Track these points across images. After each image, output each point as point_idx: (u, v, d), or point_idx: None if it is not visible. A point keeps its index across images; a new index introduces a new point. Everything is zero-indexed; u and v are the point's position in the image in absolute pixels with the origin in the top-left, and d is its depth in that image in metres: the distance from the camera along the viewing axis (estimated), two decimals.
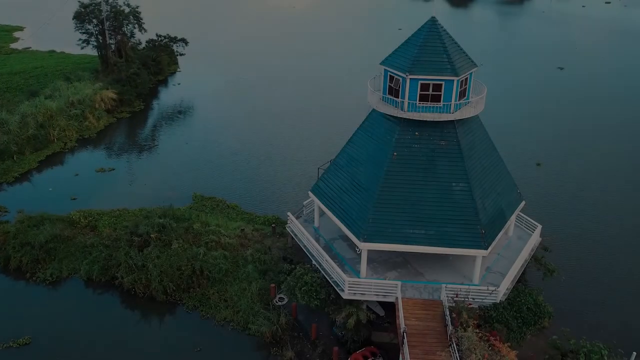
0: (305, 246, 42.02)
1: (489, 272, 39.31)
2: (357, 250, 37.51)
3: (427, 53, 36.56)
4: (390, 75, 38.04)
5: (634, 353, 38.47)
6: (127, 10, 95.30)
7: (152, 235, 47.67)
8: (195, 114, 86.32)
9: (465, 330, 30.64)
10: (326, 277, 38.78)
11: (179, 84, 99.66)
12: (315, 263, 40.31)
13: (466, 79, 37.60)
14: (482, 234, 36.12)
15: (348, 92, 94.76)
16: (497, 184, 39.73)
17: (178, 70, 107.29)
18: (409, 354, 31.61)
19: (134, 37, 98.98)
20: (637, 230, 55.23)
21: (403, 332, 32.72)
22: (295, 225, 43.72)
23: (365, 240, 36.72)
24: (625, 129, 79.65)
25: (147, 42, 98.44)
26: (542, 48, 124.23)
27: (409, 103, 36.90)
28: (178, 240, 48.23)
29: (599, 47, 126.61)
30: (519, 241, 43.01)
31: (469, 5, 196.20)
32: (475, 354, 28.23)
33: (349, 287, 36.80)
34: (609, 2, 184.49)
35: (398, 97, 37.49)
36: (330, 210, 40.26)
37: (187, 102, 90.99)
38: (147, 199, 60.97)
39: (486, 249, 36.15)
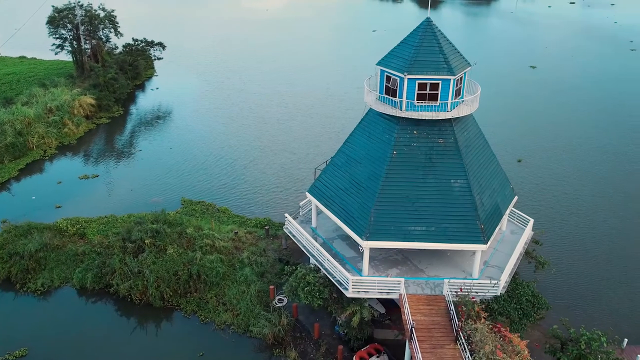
0: (304, 247, 42.18)
1: (487, 266, 40.21)
2: (360, 248, 37.90)
3: (424, 53, 37.28)
4: (387, 76, 38.61)
5: (626, 340, 40.04)
6: (102, 14, 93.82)
7: (146, 241, 47.16)
8: (176, 118, 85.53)
9: (475, 323, 31.33)
10: (328, 276, 39.01)
11: (157, 88, 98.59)
12: (316, 263, 40.51)
13: (461, 78, 38.48)
14: (481, 229, 36.97)
15: (329, 94, 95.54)
16: (492, 179, 40.72)
17: (155, 74, 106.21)
18: (419, 349, 32.16)
19: (109, 41, 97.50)
20: (619, 220, 57.29)
21: (411, 328, 33.25)
22: (293, 226, 43.86)
23: (367, 239, 37.16)
24: (599, 123, 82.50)
25: (123, 46, 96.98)
26: (513, 47, 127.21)
27: (407, 102, 37.53)
28: (173, 245, 47.84)
29: (568, 46, 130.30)
30: (513, 235, 44.09)
31: (437, 6, 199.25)
32: (488, 344, 28.92)
33: (352, 285, 37.14)
34: (573, 3, 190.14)
35: (396, 97, 38.09)
36: (330, 210, 40.55)
37: (167, 106, 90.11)
38: (134, 205, 60.36)
39: (486, 243, 37.01)
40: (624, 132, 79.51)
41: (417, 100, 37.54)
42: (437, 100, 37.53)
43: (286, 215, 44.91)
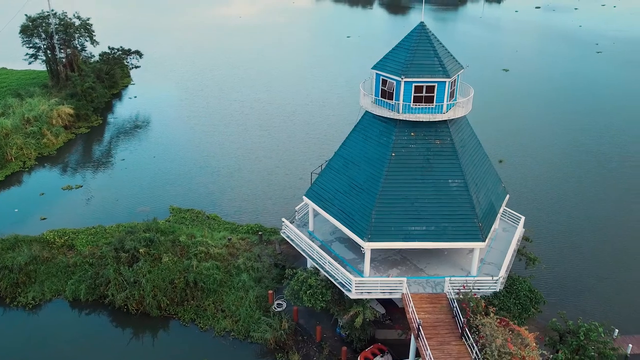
0: (304, 250, 42.38)
1: (483, 264, 41.12)
2: (362, 250, 38.33)
3: (420, 56, 38.08)
4: (383, 79, 39.27)
5: (616, 330, 41.47)
6: (77, 22, 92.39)
7: (140, 250, 46.60)
8: (156, 127, 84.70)
9: (483, 318, 32.07)
10: (330, 279, 39.32)
11: (135, 97, 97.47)
12: (317, 266, 40.72)
13: (455, 80, 39.41)
14: (480, 227, 37.86)
15: (310, 100, 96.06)
16: (486, 179, 41.75)
17: (132, 83, 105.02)
18: (428, 345, 32.73)
19: (85, 50, 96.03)
20: (602, 215, 59.30)
21: (419, 326, 33.80)
22: (291, 231, 44.04)
23: (369, 240, 37.63)
24: (575, 123, 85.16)
25: (100, 55, 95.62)
26: (484, 51, 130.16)
27: (404, 105, 38.24)
28: (167, 254, 47.43)
29: (538, 49, 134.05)
30: (505, 233, 45.18)
31: (407, 12, 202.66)
32: (499, 338, 29.66)
33: (356, 286, 37.53)
34: (538, 7, 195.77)
35: (392, 100, 38.78)
36: (329, 213, 40.90)
37: (146, 115, 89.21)
38: (121, 215, 59.65)
39: (484, 241, 37.92)
40: (600, 131, 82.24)
41: (413, 102, 38.29)
42: (433, 103, 38.35)
43: (284, 219, 45.05)
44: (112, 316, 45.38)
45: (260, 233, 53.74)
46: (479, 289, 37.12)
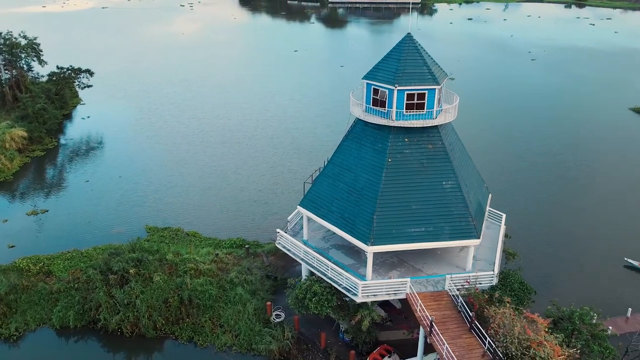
0: (302, 259, 42.86)
1: (475, 260, 43.08)
2: (365, 254, 39.30)
3: (410, 65, 39.82)
4: (374, 89, 40.70)
5: (630, 309, 44.84)
6: (23, 42, 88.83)
7: (130, 271, 45.48)
8: (116, 146, 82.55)
9: (498, 309, 33.81)
10: (333, 285, 40.01)
11: (88, 117, 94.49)
12: (318, 273, 41.28)
13: (441, 87, 41.44)
14: (474, 225, 39.82)
15: (270, 115, 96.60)
16: (472, 180, 43.94)
17: (81, 103, 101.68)
18: (445, 340, 34.10)
19: (32, 70, 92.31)
20: (569, 209, 63.43)
21: (431, 322, 35.11)
22: (287, 241, 44.43)
23: (372, 244, 38.68)
24: (524, 126, 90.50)
25: (49, 75, 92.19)
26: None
27: (396, 112, 39.81)
28: (158, 273, 46.54)
29: (478, 58, 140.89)
30: (488, 230, 47.37)
31: (343, 25, 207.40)
32: (517, 325, 31.44)
33: (362, 290, 38.45)
34: (470, 19, 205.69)
35: (385, 108, 40.26)
36: (327, 221, 41.63)
37: (102, 135, 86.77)
38: (96, 237, 58.04)
39: (479, 238, 39.90)
40: (548, 133, 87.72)
41: (406, 109, 39.93)
42: (424, 109, 40.13)
43: (278, 230, 45.36)
44: (105, 341, 43.99)
45: (247, 246, 53.70)
46: (480, 284, 38.95)
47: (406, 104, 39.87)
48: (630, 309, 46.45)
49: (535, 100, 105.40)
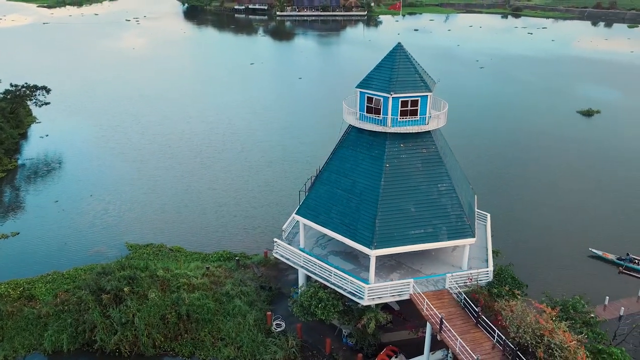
0: (303, 267, 43.28)
1: (469, 258, 44.81)
2: (369, 257, 40.19)
3: (403, 74, 41.33)
4: (368, 97, 41.94)
5: (607, 297, 47.59)
6: None
7: (125, 290, 44.49)
8: (80, 165, 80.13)
9: (509, 302, 35.41)
10: (338, 290, 40.68)
11: (46, 135, 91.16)
12: (320, 280, 41.83)
13: (432, 94, 43.16)
14: (470, 225, 41.57)
15: (235, 130, 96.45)
16: (461, 181, 45.82)
17: (37, 121, 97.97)
18: (455, 335, 35.38)
19: None
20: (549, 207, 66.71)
21: (441, 319, 36.33)
22: (284, 249, 44.76)
23: (375, 247, 39.68)
24: (490, 130, 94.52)
25: (3, 93, 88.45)
26: None
27: (392, 118, 41.15)
28: (152, 290, 45.70)
29: (430, 67, 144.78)
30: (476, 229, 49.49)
31: (292, 38, 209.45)
32: (529, 315, 33.10)
33: (368, 293, 39.30)
34: (417, 30, 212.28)
35: (379, 115, 41.53)
36: (327, 227, 42.31)
37: (64, 153, 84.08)
38: (75, 257, 56.52)
39: (474, 237, 41.66)
40: (514, 135, 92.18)
41: (400, 116, 41.34)
42: (417, 115, 41.68)
43: (276, 240, 45.66)
44: None
45: (237, 258, 53.51)
46: (480, 281, 40.61)
47: (401, 110, 41.30)
48: (607, 297, 49.42)
49: (490, 106, 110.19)
